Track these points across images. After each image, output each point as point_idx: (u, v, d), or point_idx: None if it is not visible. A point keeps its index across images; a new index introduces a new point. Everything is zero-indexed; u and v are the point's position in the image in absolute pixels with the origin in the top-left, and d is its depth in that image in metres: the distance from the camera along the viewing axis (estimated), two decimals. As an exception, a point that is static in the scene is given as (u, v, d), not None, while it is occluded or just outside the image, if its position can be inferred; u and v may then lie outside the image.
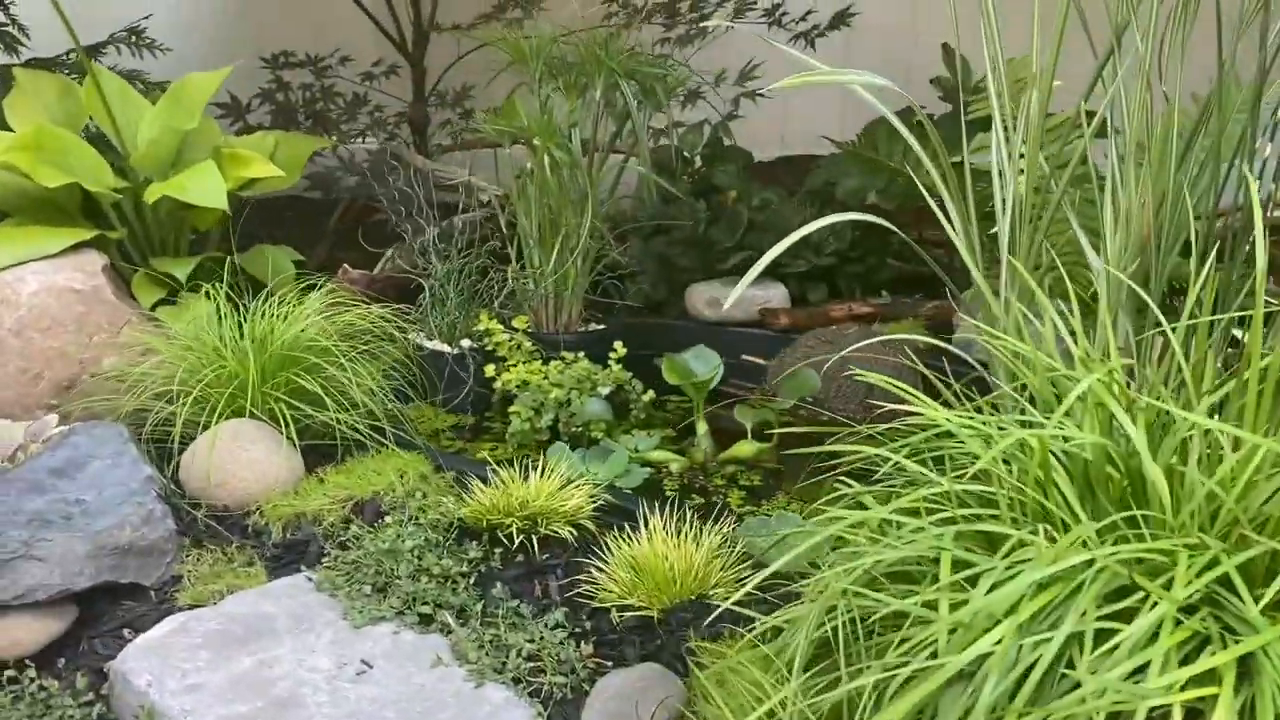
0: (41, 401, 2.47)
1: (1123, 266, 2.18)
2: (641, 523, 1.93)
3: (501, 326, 2.68)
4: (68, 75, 3.18)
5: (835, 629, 1.20)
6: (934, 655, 1.06)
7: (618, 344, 2.66)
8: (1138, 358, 2.14)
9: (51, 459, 2.05)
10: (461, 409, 2.63)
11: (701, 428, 2.48)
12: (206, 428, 2.16)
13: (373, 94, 3.93)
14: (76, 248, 2.68)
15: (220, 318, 2.35)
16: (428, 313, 2.73)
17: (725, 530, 1.85)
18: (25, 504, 1.90)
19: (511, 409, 2.51)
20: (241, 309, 2.41)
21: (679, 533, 1.82)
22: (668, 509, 1.89)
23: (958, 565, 1.16)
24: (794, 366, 2.86)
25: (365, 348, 2.29)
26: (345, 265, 2.78)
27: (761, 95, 3.45)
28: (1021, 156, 2.31)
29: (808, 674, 1.24)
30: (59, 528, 1.84)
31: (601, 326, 2.94)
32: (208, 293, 2.81)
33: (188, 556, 1.93)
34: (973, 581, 1.12)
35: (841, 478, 1.53)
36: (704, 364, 2.59)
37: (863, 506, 1.45)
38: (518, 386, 2.57)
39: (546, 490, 1.95)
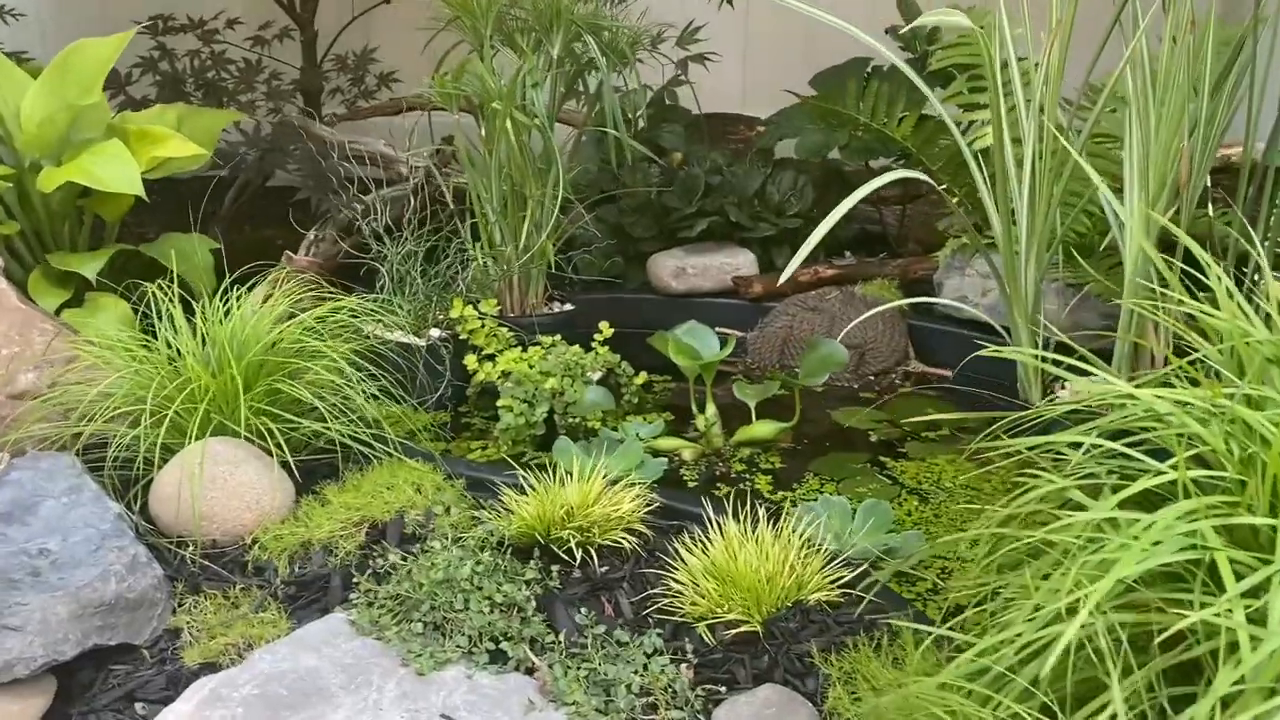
0: (-52, 430, 2.10)
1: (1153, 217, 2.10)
2: (703, 522, 1.76)
3: (475, 312, 2.43)
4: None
5: (1077, 649, 1.05)
6: (1242, 679, 0.93)
7: (603, 324, 2.45)
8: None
9: (-8, 502, 1.73)
10: (439, 406, 2.38)
11: (710, 410, 2.30)
12: (171, 451, 1.86)
13: (265, 61, 3.56)
14: (-36, 248, 2.31)
15: (163, 320, 2.03)
16: (388, 300, 2.46)
17: (798, 524, 1.68)
18: (-23, 560, 1.58)
19: (500, 403, 2.27)
20: (184, 309, 2.09)
21: (750, 531, 1.64)
22: (721, 504, 1.73)
23: (1212, 569, 1.03)
24: (777, 335, 2.72)
25: (347, 345, 2.01)
26: (287, 251, 2.47)
27: (710, 58, 3.26)
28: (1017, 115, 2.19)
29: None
30: (30, 587, 1.53)
31: (570, 307, 2.72)
32: (129, 293, 2.49)
33: (182, 605, 1.64)
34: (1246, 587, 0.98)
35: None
36: (702, 341, 2.41)
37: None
38: (500, 378, 2.34)
39: (592, 494, 1.74)
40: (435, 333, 2.42)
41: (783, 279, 2.10)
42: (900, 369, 2.63)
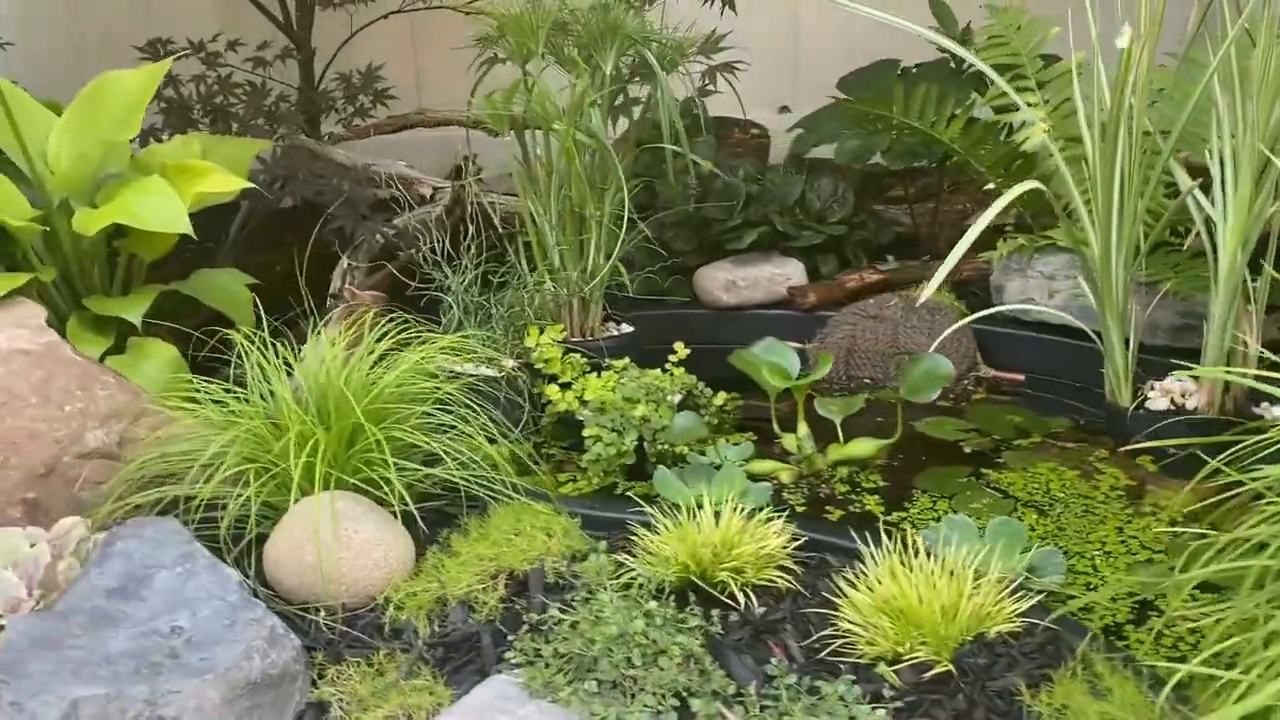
0: (14, 498, 1.96)
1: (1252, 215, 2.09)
2: (844, 552, 1.71)
3: (551, 339, 2.35)
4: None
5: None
6: None
7: (678, 344, 2.39)
8: None
9: (101, 577, 1.61)
10: (517, 439, 2.29)
11: (803, 429, 2.25)
12: (274, 509, 1.76)
13: (268, 83, 3.43)
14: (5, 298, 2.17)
15: (261, 367, 1.92)
16: (451, 331, 2.36)
17: (963, 553, 1.63)
18: (107, 644, 1.47)
19: (587, 433, 2.19)
20: (276, 349, 1.98)
21: (911, 561, 1.59)
22: (846, 531, 1.67)
23: None
24: (840, 346, 2.67)
25: (450, 383, 1.92)
26: (349, 286, 2.36)
27: (739, 66, 3.20)
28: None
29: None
30: (173, 670, 1.43)
31: (628, 328, 2.64)
32: (171, 334, 2.37)
33: (323, 675, 1.55)
34: None
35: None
36: (784, 357, 2.35)
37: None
38: (579, 406, 2.26)
39: (734, 530, 1.68)
40: (510, 362, 2.33)
41: (934, 283, 2.01)
42: (971, 375, 2.60)
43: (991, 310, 2.41)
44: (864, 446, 2.20)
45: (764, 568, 1.65)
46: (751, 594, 1.62)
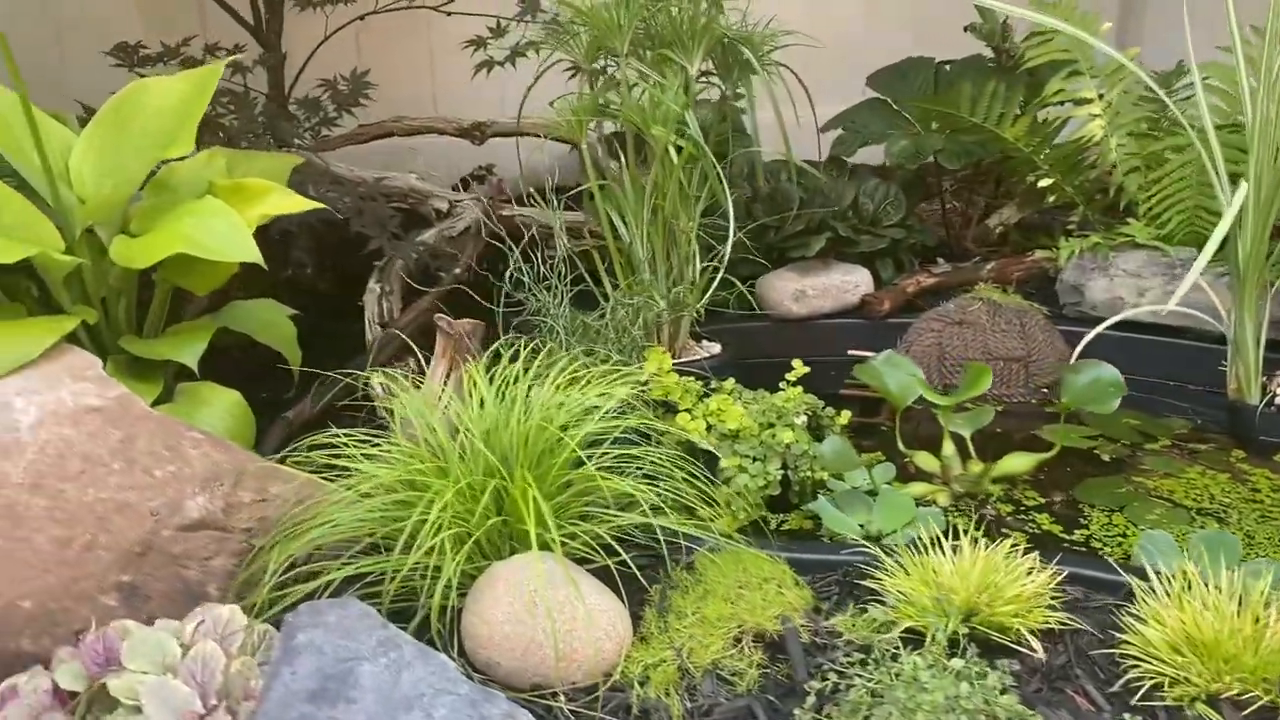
0: (106, 583, 1.66)
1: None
2: (1091, 583, 1.59)
3: (669, 363, 2.16)
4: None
5: None
6: None
7: (797, 362, 2.23)
8: None
9: (295, 678, 1.35)
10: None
11: (949, 448, 2.12)
12: (436, 574, 1.53)
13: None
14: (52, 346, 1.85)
15: (392, 408, 1.68)
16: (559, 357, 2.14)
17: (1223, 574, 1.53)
18: (344, 764, 1.22)
19: (726, 463, 2.01)
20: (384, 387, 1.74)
21: (1188, 587, 1.48)
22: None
23: None
24: (929, 354, 2.57)
25: (628, 420, 1.72)
26: (442, 315, 2.10)
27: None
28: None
29: None
30: (447, 790, 1.19)
31: (717, 346, 2.47)
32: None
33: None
34: None
35: None
36: (908, 371, 2.22)
37: None
38: (707, 432, 2.08)
39: (991, 566, 1.53)
40: (623, 389, 2.13)
41: (1188, 280, 1.90)
42: (1069, 378, 2.53)
43: (1123, 315, 2.33)
44: (1019, 462, 2.09)
45: (1033, 607, 1.50)
46: (1034, 637, 1.48)
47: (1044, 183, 2.86)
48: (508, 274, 2.30)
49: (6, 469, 1.66)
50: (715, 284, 2.32)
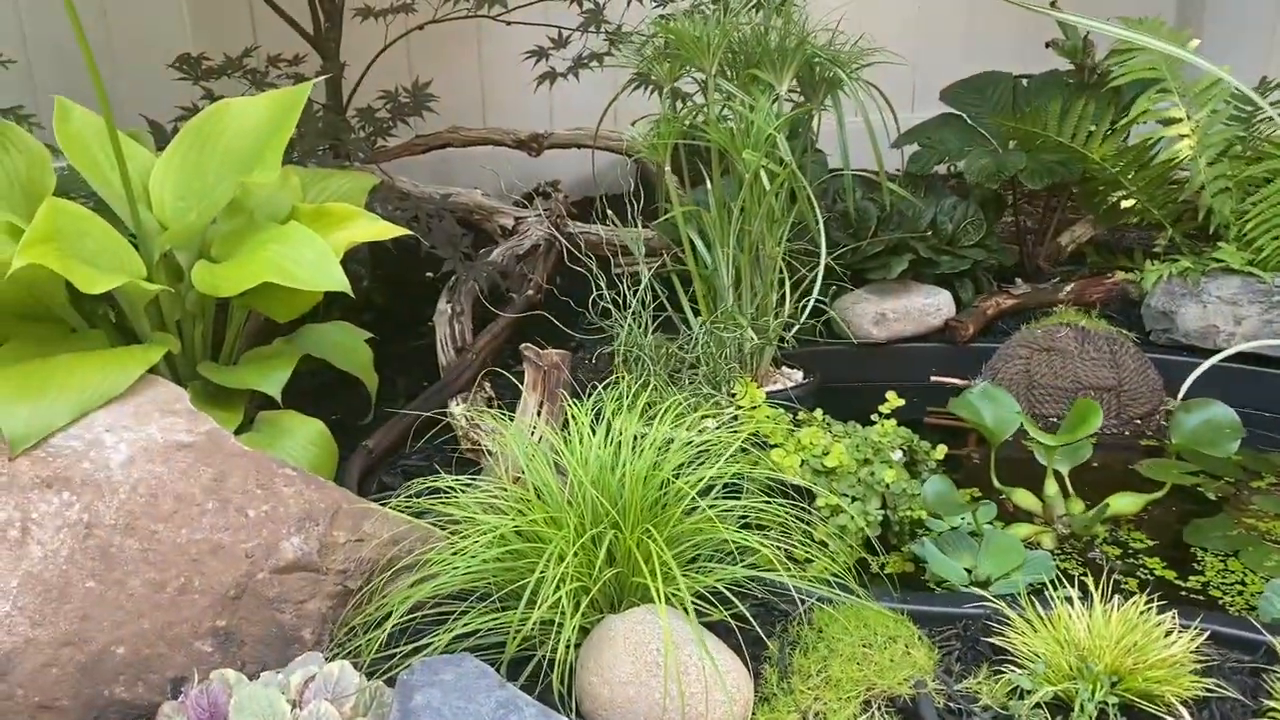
0: (201, 628, 1.61)
1: None
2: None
3: (761, 395, 2.09)
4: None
5: None
6: None
7: (891, 394, 2.16)
8: None
9: (414, 742, 1.30)
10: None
11: (1052, 487, 2.05)
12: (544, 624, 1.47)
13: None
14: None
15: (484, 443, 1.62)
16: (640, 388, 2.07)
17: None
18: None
19: (823, 503, 1.95)
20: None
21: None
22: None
23: None
24: (1017, 382, 2.49)
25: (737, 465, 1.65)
26: (529, 345, 2.04)
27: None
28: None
29: None
30: None
31: (799, 373, 2.40)
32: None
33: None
34: None
35: None
36: (1006, 405, 2.15)
37: None
38: (800, 468, 2.01)
39: (1136, 626, 1.46)
40: (711, 423, 2.06)
41: None
42: (1161, 409, 2.45)
43: (1244, 347, 2.24)
44: (1128, 502, 2.02)
45: (1181, 672, 1.44)
46: (1183, 706, 1.41)
47: (1126, 203, 2.78)
48: (590, 299, 2.24)
49: (99, 509, 1.61)
50: (807, 309, 2.25)
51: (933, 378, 2.58)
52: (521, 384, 1.93)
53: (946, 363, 2.62)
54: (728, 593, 1.47)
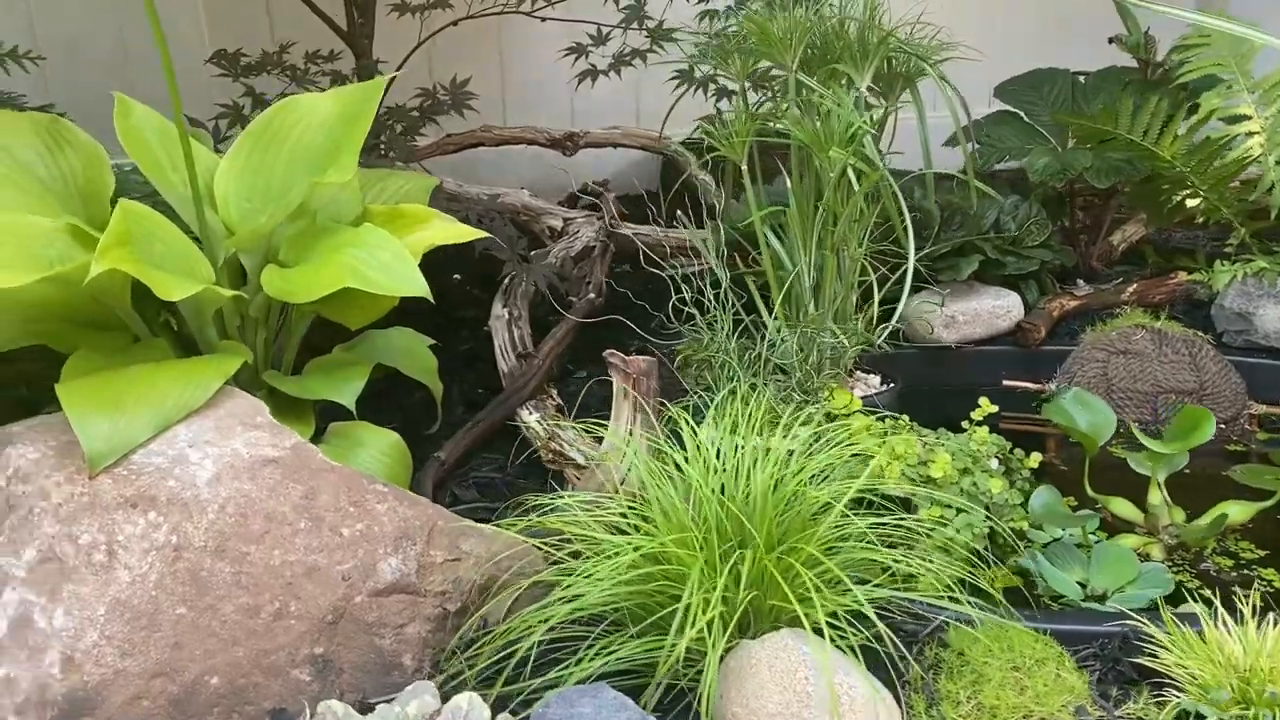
0: (298, 655, 1.51)
1: None
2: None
3: (858, 402, 2.01)
4: None
5: None
6: None
7: (983, 400, 2.09)
8: None
9: (561, 782, 1.21)
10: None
11: (1156, 495, 1.98)
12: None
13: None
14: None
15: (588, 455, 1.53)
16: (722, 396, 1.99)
17: None
18: None
19: (927, 514, 1.87)
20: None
21: None
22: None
23: None
24: (1095, 386, 2.43)
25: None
26: (613, 351, 1.95)
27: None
28: None
29: None
30: None
31: (877, 378, 2.33)
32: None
33: None
34: None
35: None
36: (1100, 411, 2.08)
37: None
38: (909, 480, 1.94)
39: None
40: (804, 431, 1.98)
41: None
42: (1245, 413, 2.39)
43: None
44: (1238, 511, 1.95)
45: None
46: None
47: (1192, 202, 2.72)
48: (660, 302, 2.16)
49: (188, 530, 1.51)
50: (897, 313, 2.17)
51: (1005, 382, 2.51)
52: (584, 391, 1.85)
53: (1016, 365, 2.55)
54: (870, 613, 1.39)
